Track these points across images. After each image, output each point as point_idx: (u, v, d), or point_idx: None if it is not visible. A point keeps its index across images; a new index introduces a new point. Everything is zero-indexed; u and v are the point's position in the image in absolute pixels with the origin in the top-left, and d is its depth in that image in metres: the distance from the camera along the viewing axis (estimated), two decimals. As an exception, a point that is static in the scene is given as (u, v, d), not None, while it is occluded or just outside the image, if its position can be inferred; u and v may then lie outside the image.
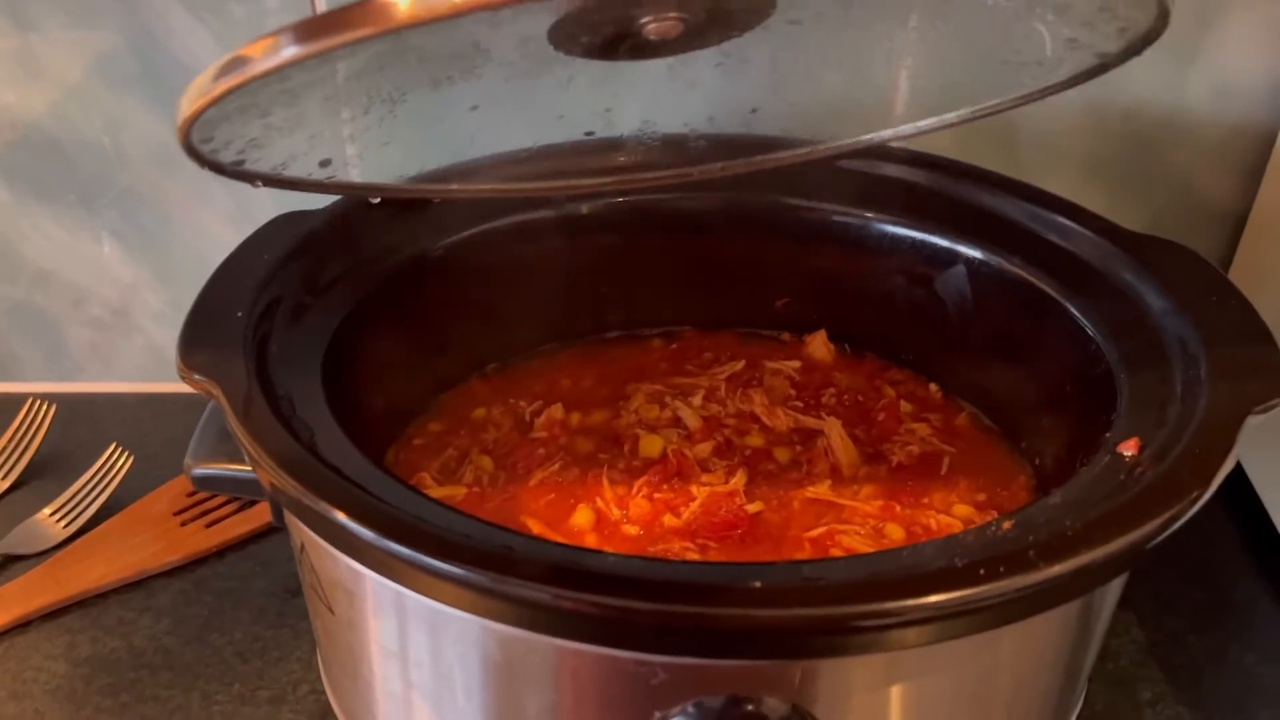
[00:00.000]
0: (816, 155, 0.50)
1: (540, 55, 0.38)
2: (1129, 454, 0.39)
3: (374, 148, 0.41)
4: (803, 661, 0.34)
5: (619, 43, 0.38)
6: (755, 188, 0.55)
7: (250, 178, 0.39)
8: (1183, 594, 0.59)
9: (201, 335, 0.43)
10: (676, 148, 0.51)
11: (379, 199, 0.49)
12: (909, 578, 0.32)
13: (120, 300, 0.73)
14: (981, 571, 0.32)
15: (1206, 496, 0.36)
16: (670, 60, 0.41)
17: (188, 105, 0.32)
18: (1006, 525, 0.35)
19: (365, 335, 0.49)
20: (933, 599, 0.31)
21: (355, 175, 0.43)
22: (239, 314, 0.43)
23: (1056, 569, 0.32)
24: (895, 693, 0.37)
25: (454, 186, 0.48)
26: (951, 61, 0.46)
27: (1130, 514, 0.35)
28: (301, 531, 0.40)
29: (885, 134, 0.49)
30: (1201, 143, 0.67)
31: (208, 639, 0.57)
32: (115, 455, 0.66)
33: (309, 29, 0.28)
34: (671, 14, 0.36)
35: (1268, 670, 0.55)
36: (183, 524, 0.63)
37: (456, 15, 0.27)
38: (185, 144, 0.35)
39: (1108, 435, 0.40)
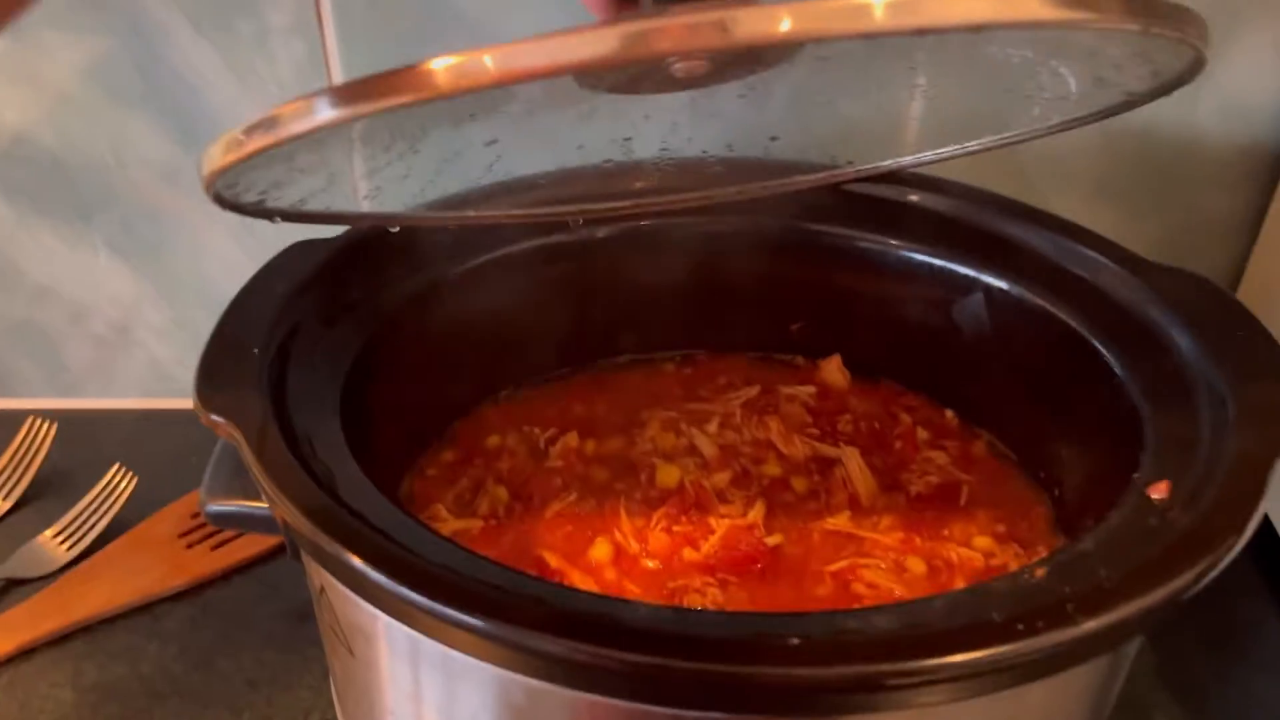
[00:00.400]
0: (834, 179, 0.50)
1: (565, 93, 0.38)
2: (1159, 498, 0.38)
3: (393, 181, 0.41)
4: (838, 718, 0.33)
5: (644, 80, 0.38)
6: (771, 211, 0.55)
7: (270, 214, 0.39)
8: (1191, 613, 0.57)
9: (217, 373, 0.42)
10: (694, 173, 0.51)
11: (396, 228, 0.49)
12: (947, 633, 0.32)
13: (121, 316, 0.72)
14: (1020, 626, 0.32)
15: (1241, 544, 0.35)
16: (693, 92, 0.41)
17: (219, 158, 0.31)
18: (1039, 573, 0.35)
19: (380, 365, 0.48)
20: (971, 656, 0.31)
21: (371, 207, 0.42)
22: (254, 350, 0.43)
23: (1094, 624, 0.32)
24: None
25: (470, 213, 0.47)
26: (973, 95, 0.45)
27: (1167, 563, 0.34)
28: (321, 574, 0.39)
29: (904, 160, 0.48)
30: (1211, 162, 0.67)
31: (216, 665, 0.56)
32: (118, 476, 0.66)
33: (347, 95, 0.28)
34: (700, 56, 0.35)
35: (1278, 692, 0.54)
36: (188, 546, 0.63)
37: (499, 86, 0.26)
38: (212, 193, 0.35)
39: (1136, 476, 0.40)
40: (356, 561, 0.34)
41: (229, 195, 0.35)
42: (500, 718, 0.36)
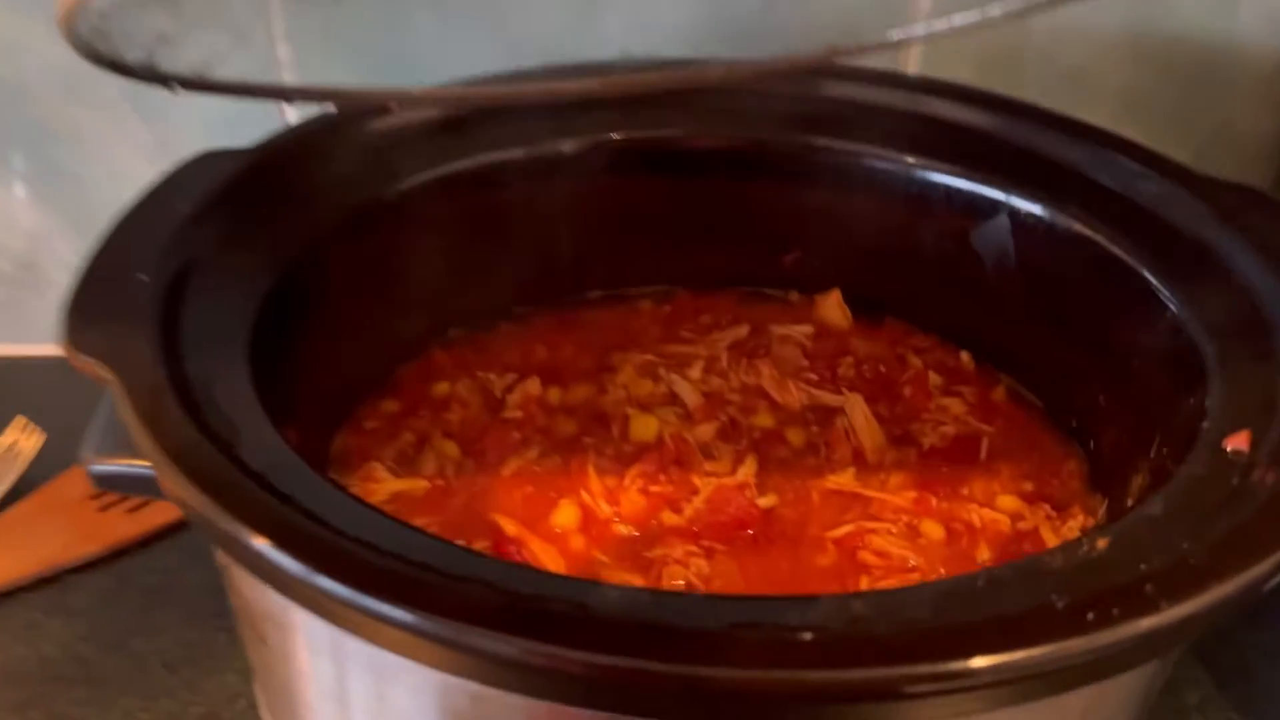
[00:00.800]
0: (833, 55, 0.43)
1: None
2: (1238, 451, 0.32)
3: (314, 52, 0.34)
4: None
5: None
6: (760, 120, 0.49)
7: (166, 80, 0.32)
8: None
9: (95, 305, 0.36)
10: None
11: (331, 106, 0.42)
12: (999, 623, 0.25)
13: (28, 251, 0.67)
14: (1091, 615, 0.25)
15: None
16: None
17: None
18: (1102, 544, 0.29)
19: (303, 300, 0.42)
20: (1031, 654, 0.25)
21: (297, 79, 0.35)
22: (143, 279, 0.36)
23: (1182, 609, 0.26)
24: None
25: (415, 91, 0.40)
26: None
27: (1261, 531, 0.28)
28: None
29: (894, 34, 0.42)
30: (1247, 76, 0.64)
31: (130, 645, 0.52)
32: (23, 431, 0.61)
33: None
34: None
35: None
36: (102, 509, 0.58)
37: None
38: (70, 36, 0.29)
39: (1204, 425, 0.34)
40: (252, 538, 0.28)
41: (104, 48, 0.29)
42: (438, 722, 0.30)
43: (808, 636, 0.25)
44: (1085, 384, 0.46)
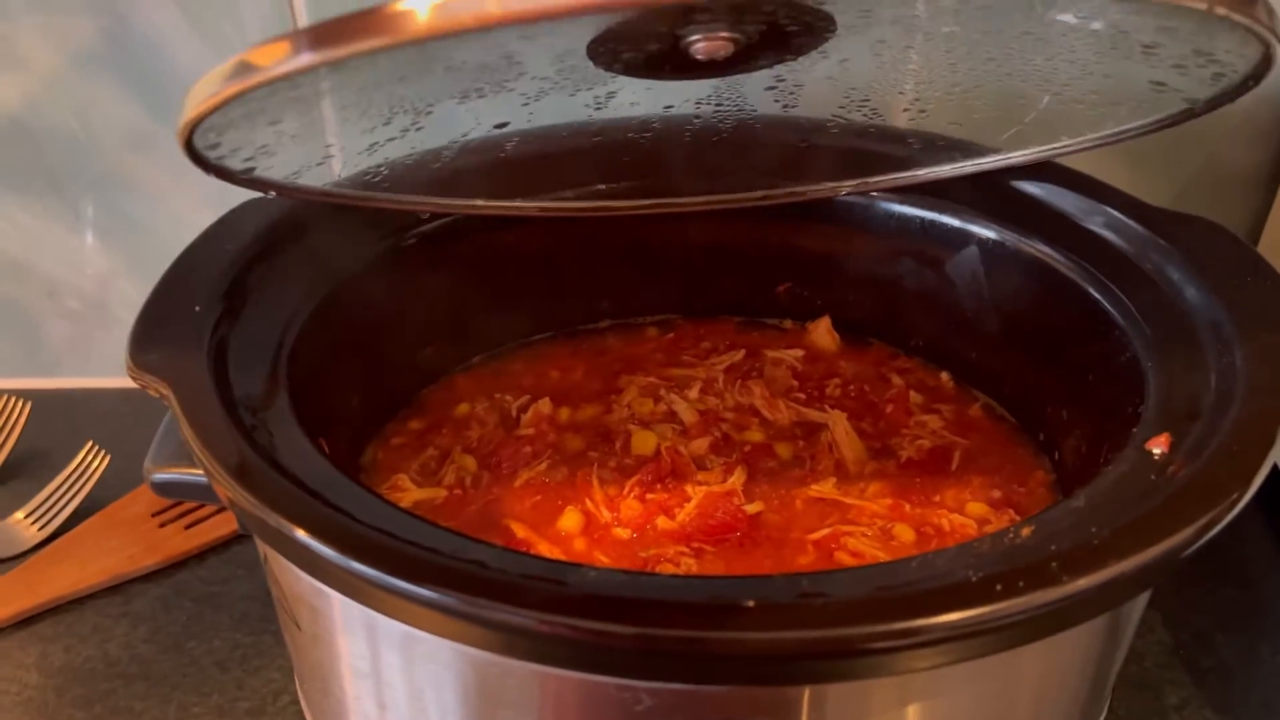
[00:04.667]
0: (864, 188, 0.47)
1: (578, 70, 0.35)
2: (1159, 451, 0.35)
3: (398, 158, 0.39)
4: (804, 687, 0.31)
5: (663, 61, 0.35)
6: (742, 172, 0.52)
7: (263, 186, 0.36)
8: (1210, 591, 0.56)
9: (155, 332, 0.40)
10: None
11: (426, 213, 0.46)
12: (917, 595, 0.29)
13: (97, 292, 0.71)
14: (998, 587, 0.29)
15: (1246, 498, 0.32)
16: (717, 82, 0.38)
17: (191, 109, 0.29)
18: (1025, 532, 0.32)
19: (338, 328, 0.46)
20: (944, 619, 0.28)
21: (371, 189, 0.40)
22: (196, 308, 0.41)
23: (1082, 583, 0.29)
24: (911, 713, 0.34)
25: (479, 202, 0.45)
26: (1018, 99, 0.42)
27: (1163, 519, 0.31)
28: (262, 542, 0.37)
29: (941, 170, 0.45)
30: (1230, 113, 0.63)
31: (185, 647, 0.55)
32: (92, 454, 0.64)
33: (322, 35, 0.26)
34: (722, 33, 0.32)
35: (1301, 673, 0.52)
36: (161, 525, 0.61)
37: (483, 29, 0.23)
38: (187, 148, 0.33)
39: (1135, 430, 0.37)
40: (291, 529, 0.32)
41: (212, 157, 0.33)
42: (453, 693, 0.34)
43: (750, 604, 0.29)
44: (1050, 399, 0.48)
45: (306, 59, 0.27)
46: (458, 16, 0.26)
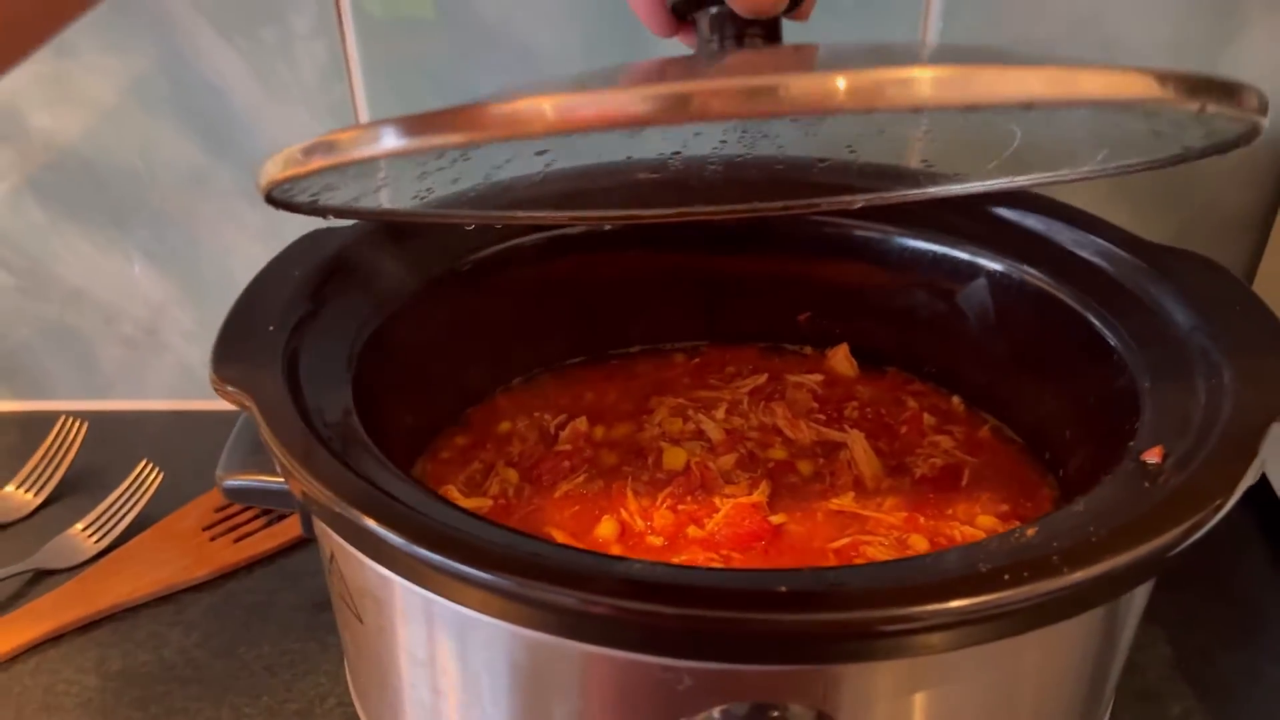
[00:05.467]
0: (880, 201, 0.49)
1: None
2: (1152, 462, 0.39)
3: (444, 184, 0.42)
4: (827, 667, 0.34)
5: None
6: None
7: (323, 212, 0.40)
8: (1211, 608, 0.59)
9: (234, 349, 0.43)
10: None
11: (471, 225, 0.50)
12: (933, 583, 0.32)
13: (151, 319, 0.74)
14: (1006, 576, 0.32)
15: (1230, 504, 0.36)
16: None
17: (276, 173, 0.33)
18: (1030, 532, 0.35)
19: (392, 350, 0.49)
20: (956, 604, 0.32)
21: (420, 207, 0.44)
22: (270, 328, 0.44)
23: (1080, 574, 0.32)
24: (919, 700, 0.37)
25: (520, 214, 0.48)
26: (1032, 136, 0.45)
27: (1154, 521, 0.35)
28: (331, 540, 0.40)
29: (953, 188, 0.48)
30: (1226, 157, 0.66)
31: (236, 652, 0.58)
32: (146, 471, 0.68)
33: (408, 129, 0.29)
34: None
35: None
36: (211, 539, 0.64)
37: (552, 135, 0.27)
38: (268, 198, 0.36)
39: (1131, 444, 0.40)
40: (364, 519, 0.35)
41: (282, 198, 0.37)
42: (505, 674, 0.37)
43: (783, 590, 0.32)
44: (1055, 420, 0.51)
45: (391, 146, 0.30)
46: (531, 125, 0.28)
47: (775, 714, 0.34)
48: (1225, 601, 0.59)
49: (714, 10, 0.37)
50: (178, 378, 0.76)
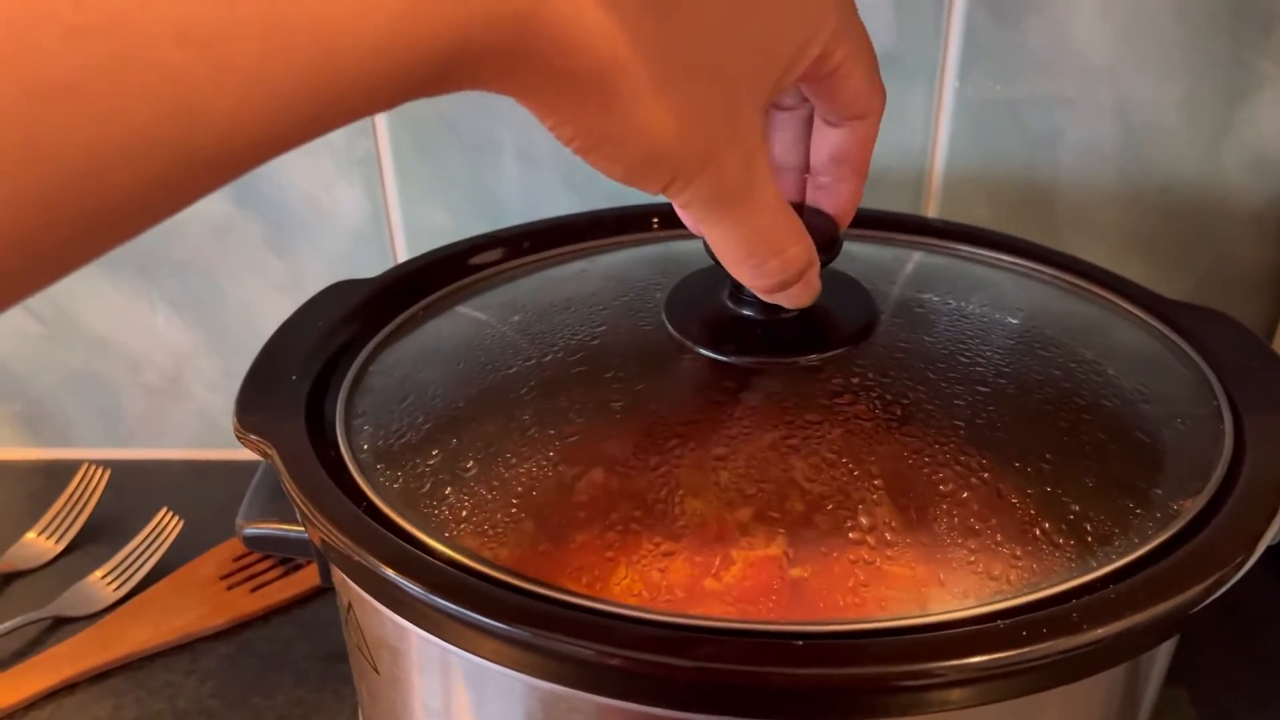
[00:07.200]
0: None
1: None
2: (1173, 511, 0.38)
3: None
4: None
5: None
6: None
7: None
8: (1236, 668, 0.58)
9: (258, 397, 0.44)
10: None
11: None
12: (951, 638, 0.32)
13: (174, 367, 0.75)
14: (1024, 633, 0.32)
15: (1252, 561, 0.35)
16: None
17: None
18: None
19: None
20: (975, 660, 0.32)
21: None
22: (293, 378, 0.45)
23: (1100, 631, 0.32)
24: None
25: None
26: None
27: (1174, 578, 0.34)
28: (349, 590, 0.40)
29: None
30: (1240, 213, 0.68)
31: (251, 702, 0.58)
32: (166, 520, 0.68)
33: None
34: None
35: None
36: (229, 588, 0.65)
37: None
38: None
39: (1156, 491, 0.40)
40: (382, 569, 0.36)
41: None
42: (521, 727, 0.37)
43: (800, 644, 0.32)
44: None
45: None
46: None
47: (792, 769, 0.34)
48: (1250, 664, 0.59)
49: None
50: (199, 427, 0.77)
